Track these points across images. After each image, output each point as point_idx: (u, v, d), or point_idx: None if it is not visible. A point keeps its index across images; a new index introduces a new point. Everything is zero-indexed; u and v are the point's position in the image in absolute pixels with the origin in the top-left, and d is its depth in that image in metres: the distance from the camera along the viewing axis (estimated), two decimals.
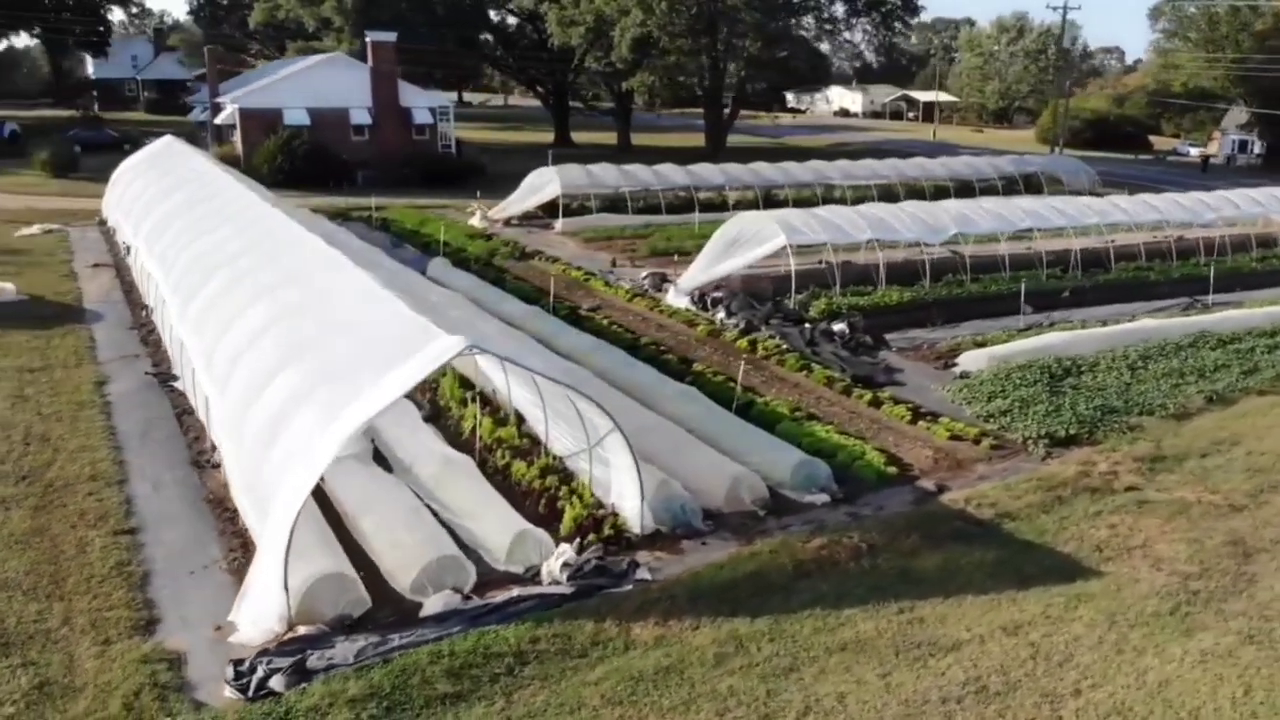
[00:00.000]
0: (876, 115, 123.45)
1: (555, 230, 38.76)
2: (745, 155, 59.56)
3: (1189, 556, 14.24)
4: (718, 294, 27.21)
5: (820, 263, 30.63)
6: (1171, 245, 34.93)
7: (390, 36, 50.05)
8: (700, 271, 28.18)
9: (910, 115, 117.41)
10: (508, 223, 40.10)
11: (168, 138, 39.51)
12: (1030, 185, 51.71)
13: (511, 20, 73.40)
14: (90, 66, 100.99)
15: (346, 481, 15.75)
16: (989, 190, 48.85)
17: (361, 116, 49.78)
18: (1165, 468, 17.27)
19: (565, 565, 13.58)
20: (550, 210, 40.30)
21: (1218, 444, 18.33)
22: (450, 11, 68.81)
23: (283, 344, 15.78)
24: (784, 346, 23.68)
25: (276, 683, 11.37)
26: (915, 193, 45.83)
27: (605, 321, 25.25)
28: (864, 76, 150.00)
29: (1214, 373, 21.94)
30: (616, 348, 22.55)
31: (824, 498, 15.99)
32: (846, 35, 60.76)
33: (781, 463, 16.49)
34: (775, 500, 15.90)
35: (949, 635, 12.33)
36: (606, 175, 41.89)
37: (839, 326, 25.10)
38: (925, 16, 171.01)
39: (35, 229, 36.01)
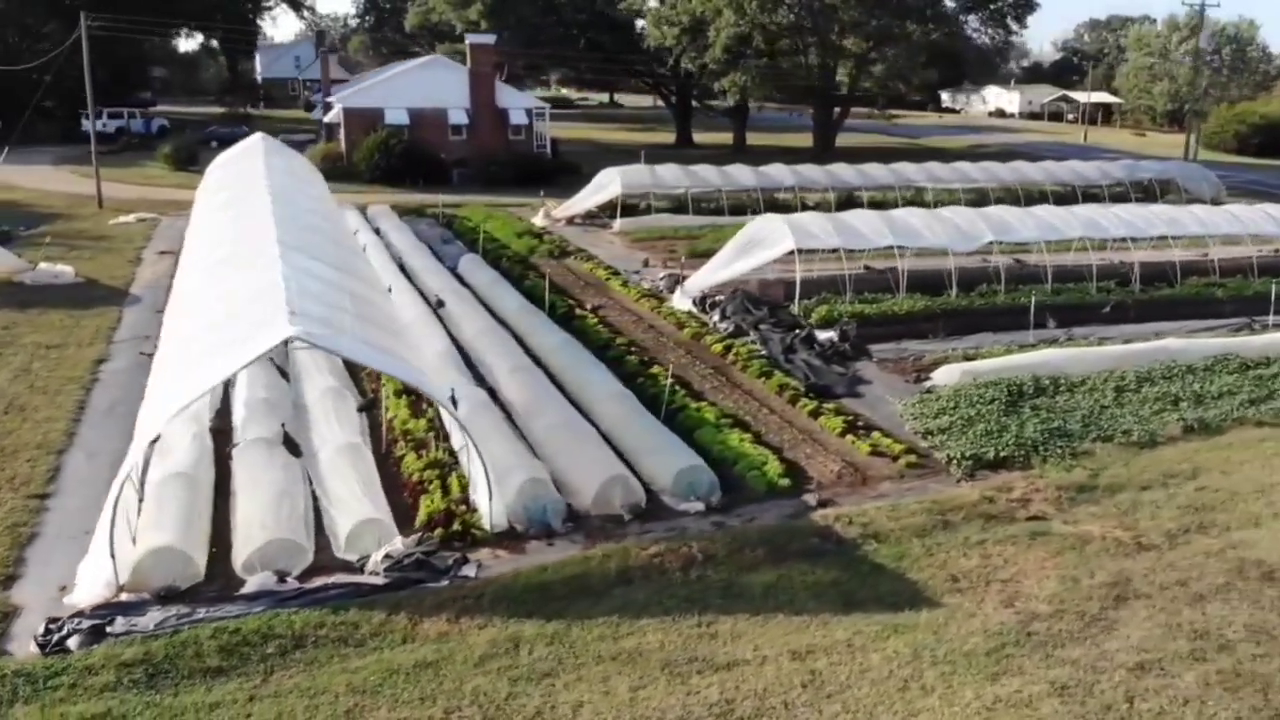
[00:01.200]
0: (1034, 116, 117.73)
1: (613, 230, 39.00)
2: (856, 156, 58.05)
3: (1052, 595, 13.19)
4: (719, 297, 26.81)
5: (863, 268, 29.81)
6: (1254, 261, 32.02)
7: (489, 39, 51.52)
8: (708, 274, 27.84)
9: (1070, 117, 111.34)
10: (570, 221, 40.61)
11: (257, 136, 41.87)
12: (1148, 192, 48.40)
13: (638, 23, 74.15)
14: (259, 67, 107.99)
15: (249, 462, 16.54)
16: (1093, 197, 45.93)
17: (459, 117, 51.44)
18: (1090, 499, 16.00)
19: (387, 557, 13.84)
20: (614, 210, 40.56)
21: (1170, 476, 16.83)
22: (577, 13, 70.26)
23: (182, 334, 16.70)
24: (761, 352, 23.17)
25: (72, 642, 12.11)
26: (1003, 198, 43.66)
27: (594, 322, 25.29)
28: (1034, 76, 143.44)
29: (1216, 399, 20.12)
30: (584, 348, 22.63)
31: (699, 506, 15.65)
32: (960, 30, 57.60)
33: (665, 469, 16.23)
34: (651, 505, 15.68)
35: (731, 654, 11.89)
36: (670, 176, 41.84)
37: (827, 334, 24.34)
38: (1099, 13, 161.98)
39: (131, 218, 38.97)
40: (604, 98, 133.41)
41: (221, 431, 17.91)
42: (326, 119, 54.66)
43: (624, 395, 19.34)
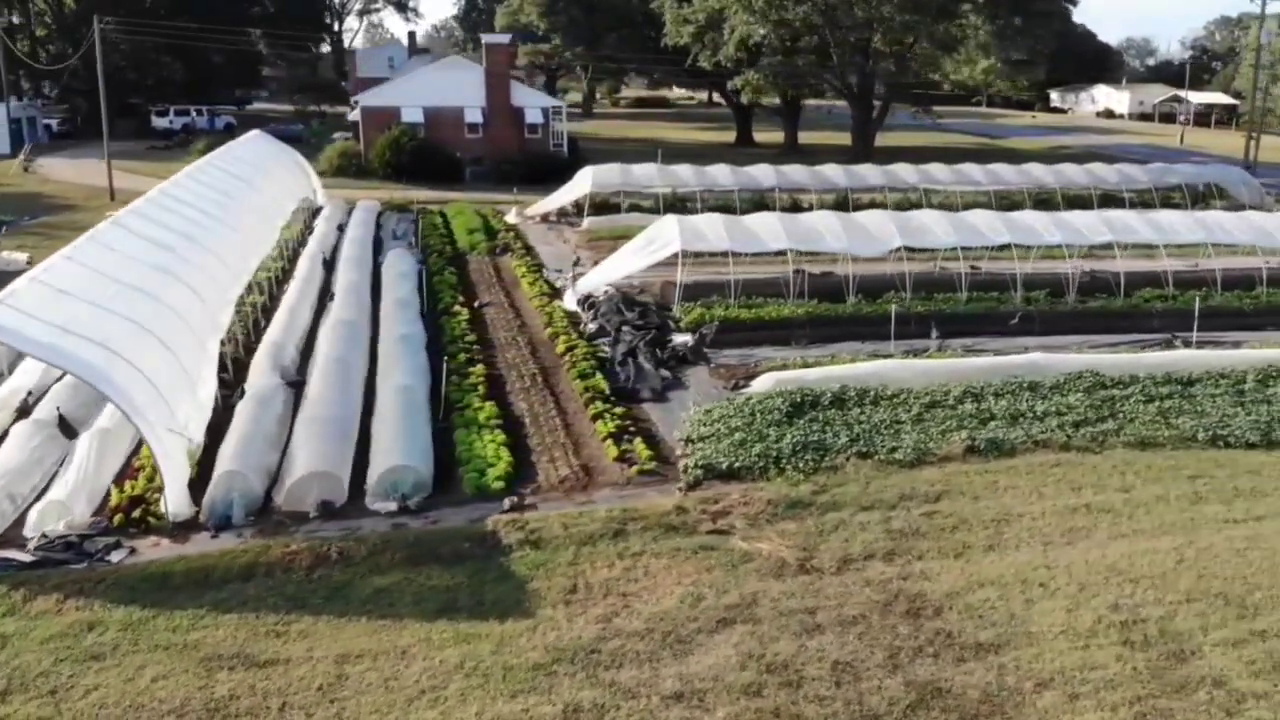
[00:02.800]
0: (1144, 118, 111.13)
1: (580, 228, 38.92)
2: (897, 156, 56.18)
3: (661, 613, 12.62)
4: (598, 297, 26.47)
5: (795, 271, 28.84)
6: (1262, 272, 29.55)
7: (504, 39, 52.20)
8: (600, 274, 27.55)
9: (1181, 118, 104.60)
10: (545, 219, 40.74)
11: (254, 133, 43.59)
12: (1190, 196, 45.38)
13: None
14: (356, 67, 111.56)
15: (22, 441, 17.36)
16: (1115, 202, 43.26)
17: (475, 115, 52.19)
18: (794, 515, 15.18)
19: (43, 537, 14.31)
20: (593, 209, 40.48)
21: (907, 498, 15.80)
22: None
23: None
24: (604, 353, 22.82)
25: None
26: (1008, 203, 41.83)
27: (463, 319, 25.30)
28: (1158, 76, 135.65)
29: (1033, 420, 18.70)
30: (421, 345, 22.75)
31: (392, 506, 15.58)
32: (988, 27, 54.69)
33: (376, 468, 16.23)
34: (350, 504, 15.71)
35: (280, 653, 11.86)
36: (644, 175, 41.44)
37: (683, 338, 23.80)
38: (1231, 10, 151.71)
39: (124, 210, 41.01)
40: (704, 96, 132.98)
41: None
42: (350, 117, 56.34)
43: (407, 391, 19.34)
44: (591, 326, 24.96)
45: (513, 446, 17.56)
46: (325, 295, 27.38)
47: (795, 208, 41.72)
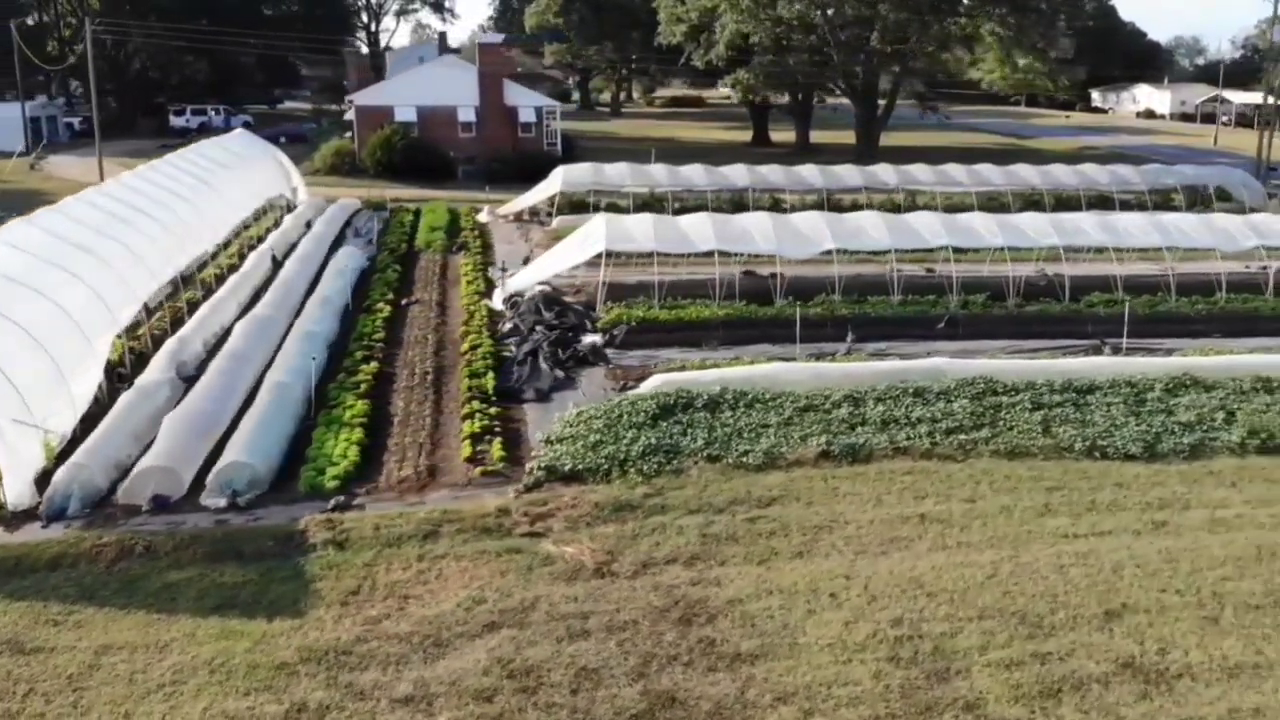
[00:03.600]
0: (1186, 118, 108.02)
1: (548, 227, 38.89)
2: (905, 155, 55.34)
3: (433, 616, 12.54)
4: (521, 296, 26.42)
5: (742, 273, 28.64)
6: (1221, 277, 28.63)
7: (498, 39, 52.63)
8: (530, 273, 27.50)
9: (1224, 119, 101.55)
10: (519, 218, 40.79)
11: (239, 130, 44.31)
12: (1190, 198, 44.13)
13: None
14: (390, 68, 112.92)
15: None
16: (1104, 204, 42.20)
17: (468, 114, 52.52)
18: (617, 519, 15.00)
19: None
20: (564, 208, 40.48)
21: (738, 502, 15.53)
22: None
23: None
24: (506, 354, 22.79)
25: None
26: (1003, 205, 41.24)
27: (383, 317, 25.43)
28: (1206, 76, 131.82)
29: (905, 425, 18.25)
30: (323, 343, 22.92)
31: (222, 502, 15.69)
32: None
33: (219, 463, 16.36)
34: (186, 499, 15.85)
35: (44, 642, 12.02)
36: (615, 175, 41.28)
37: (592, 339, 23.69)
38: None
39: None
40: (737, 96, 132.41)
41: None
42: (346, 117, 56.99)
43: (281, 388, 19.47)
44: (507, 325, 24.94)
45: (369, 446, 17.62)
46: (261, 291, 27.70)
47: (775, 208, 41.43)
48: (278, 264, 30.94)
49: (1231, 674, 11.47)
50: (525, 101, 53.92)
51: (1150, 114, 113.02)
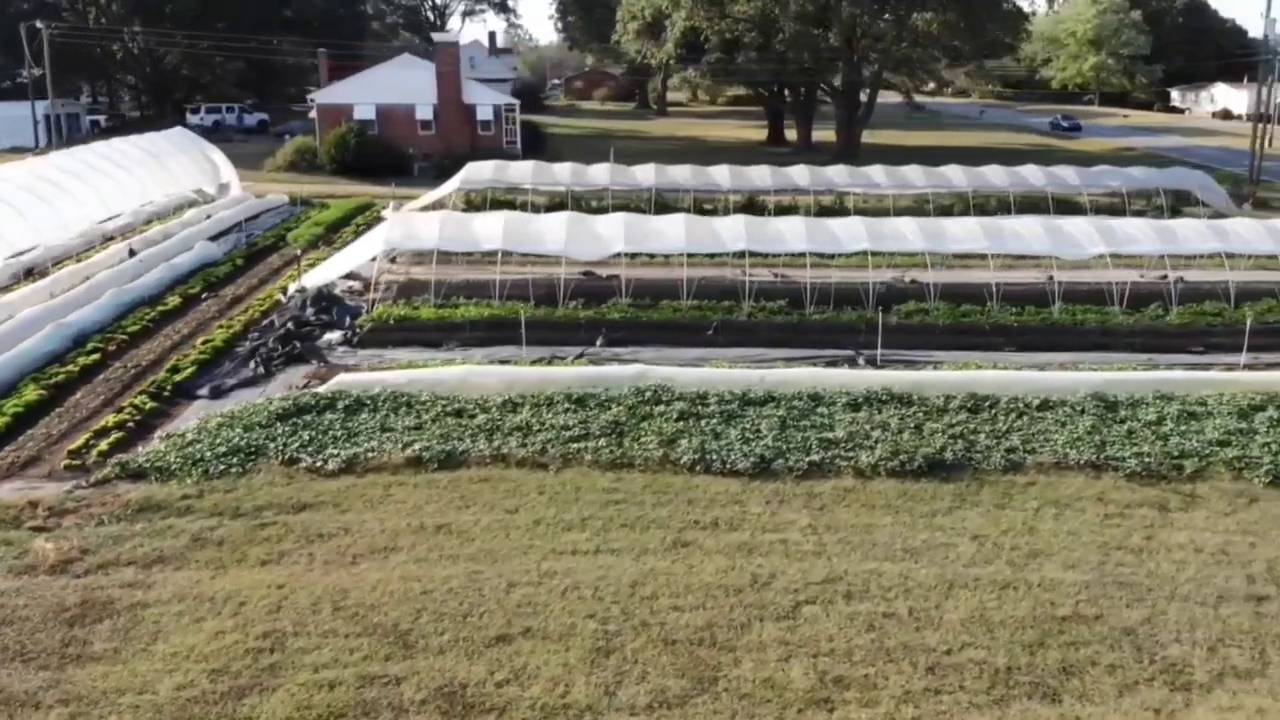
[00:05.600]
0: (1264, 118, 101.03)
1: None
2: (891, 156, 53.58)
3: None
4: (298, 292, 26.59)
5: (582, 275, 28.08)
6: (1106, 287, 26.88)
7: (454, 38, 52.71)
8: (327, 268, 27.65)
9: None
10: (428, 208, 41.06)
11: (177, 129, 45.85)
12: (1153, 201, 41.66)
13: None
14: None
15: None
16: (1029, 207, 40.05)
17: (426, 112, 53.14)
18: (144, 517, 14.93)
19: None
20: (468, 206, 40.60)
21: (270, 507, 15.30)
22: None
23: None
24: (243, 350, 23.05)
25: None
26: (946, 207, 39.96)
27: (161, 311, 25.95)
28: None
29: (540, 431, 17.69)
30: (69, 336, 23.52)
31: None
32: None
33: None
34: None
35: None
36: (516, 173, 41.14)
37: (330, 336, 23.77)
38: None
39: None
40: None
41: None
42: (310, 115, 58.31)
43: None
44: (274, 319, 25.19)
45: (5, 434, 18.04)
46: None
47: (697, 209, 40.73)
48: (133, 254, 31.93)
49: (550, 714, 10.77)
50: (484, 100, 54.31)
51: (1227, 114, 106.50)
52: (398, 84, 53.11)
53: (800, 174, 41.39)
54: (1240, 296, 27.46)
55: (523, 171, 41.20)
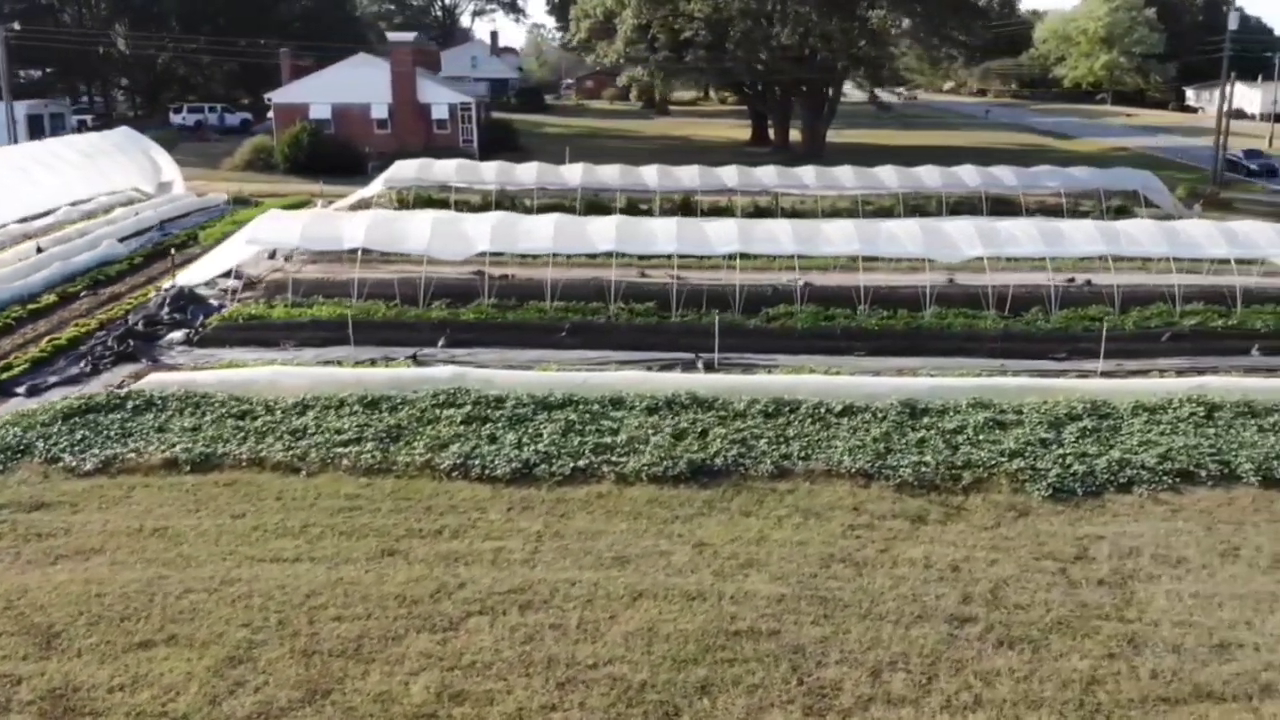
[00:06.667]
0: (1279, 118, 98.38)
1: None
2: (861, 156, 52.78)
3: None
4: (164, 292, 26.61)
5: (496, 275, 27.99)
6: (1003, 289, 26.23)
7: (408, 37, 52.73)
8: (202, 267, 27.65)
9: None
10: (354, 207, 41.07)
11: (122, 129, 46.25)
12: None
13: None
14: (443, 67, 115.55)
15: None
16: (963, 208, 39.21)
17: (381, 112, 53.21)
18: None
19: None
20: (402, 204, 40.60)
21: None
22: None
23: None
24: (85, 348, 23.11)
25: None
26: (887, 209, 39.48)
27: (28, 310, 26.10)
28: None
29: (306, 435, 17.48)
30: None
31: None
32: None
33: None
34: None
35: None
36: (441, 172, 40.97)
37: (175, 335, 23.74)
38: None
39: None
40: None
41: None
42: (268, 115, 58.59)
43: None
44: (130, 317, 25.23)
45: None
46: None
47: (631, 210, 40.47)
48: (40, 252, 32.21)
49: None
50: (439, 99, 54.25)
51: (1240, 114, 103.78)
52: (354, 83, 53.26)
53: (729, 174, 40.79)
54: (1137, 301, 26.66)
55: (447, 170, 41.04)
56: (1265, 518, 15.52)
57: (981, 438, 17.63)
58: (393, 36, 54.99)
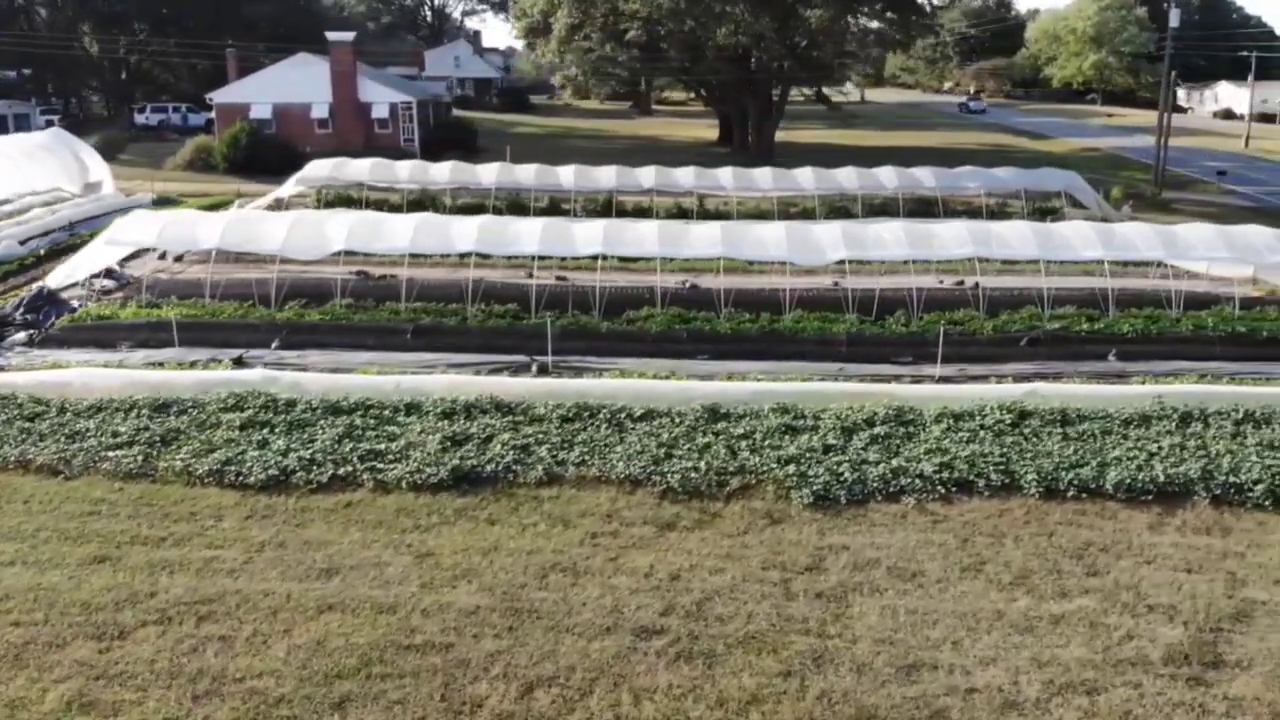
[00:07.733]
0: (1266, 118, 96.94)
1: None
2: (815, 156, 52.30)
3: None
4: (36, 292, 26.54)
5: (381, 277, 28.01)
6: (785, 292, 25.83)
7: (348, 37, 52.63)
8: (72, 265, 27.60)
9: None
10: (272, 208, 40.99)
11: (52, 129, 46.36)
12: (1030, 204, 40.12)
13: None
14: (427, 67, 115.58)
15: None
16: (881, 210, 38.76)
17: (322, 111, 53.12)
18: None
19: None
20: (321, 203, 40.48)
21: None
22: None
23: None
24: None
25: None
26: (808, 211, 38.88)
27: None
28: None
29: (78, 439, 17.30)
30: None
31: None
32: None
33: None
34: None
35: None
36: (355, 172, 40.83)
37: (18, 336, 23.68)
38: None
39: None
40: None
41: None
42: (211, 114, 58.64)
43: None
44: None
45: None
46: None
47: (553, 209, 40.32)
48: None
49: None
50: (380, 98, 54.13)
51: (1229, 114, 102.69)
52: (295, 83, 53.22)
53: (647, 175, 40.45)
54: (1015, 304, 26.16)
55: (362, 170, 40.91)
56: (1032, 530, 15.08)
57: (767, 443, 17.24)
58: (332, 36, 54.82)
